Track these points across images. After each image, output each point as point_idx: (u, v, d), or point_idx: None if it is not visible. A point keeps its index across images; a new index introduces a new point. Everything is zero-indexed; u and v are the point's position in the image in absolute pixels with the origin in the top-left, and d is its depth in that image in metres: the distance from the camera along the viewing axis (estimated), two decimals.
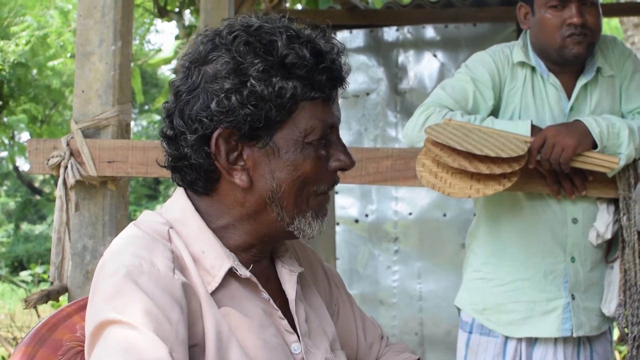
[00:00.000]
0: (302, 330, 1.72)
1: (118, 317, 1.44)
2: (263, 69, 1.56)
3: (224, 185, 1.66)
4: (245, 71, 1.56)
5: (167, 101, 1.69)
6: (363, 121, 6.09)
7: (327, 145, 1.67)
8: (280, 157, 1.61)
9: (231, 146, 1.61)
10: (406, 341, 5.85)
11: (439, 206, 5.90)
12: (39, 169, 3.35)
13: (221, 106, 1.57)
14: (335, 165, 1.68)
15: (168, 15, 8.47)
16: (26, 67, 13.86)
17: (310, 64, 1.58)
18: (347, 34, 6.19)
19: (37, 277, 11.51)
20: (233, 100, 1.56)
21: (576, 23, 2.86)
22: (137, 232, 1.61)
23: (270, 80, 1.56)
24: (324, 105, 1.64)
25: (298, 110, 1.60)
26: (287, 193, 1.62)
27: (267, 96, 1.56)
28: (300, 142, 1.61)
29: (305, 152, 1.62)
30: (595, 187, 2.94)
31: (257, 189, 1.63)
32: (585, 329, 3.02)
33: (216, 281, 1.61)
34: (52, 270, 3.35)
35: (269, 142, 1.60)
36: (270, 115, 1.57)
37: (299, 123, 1.60)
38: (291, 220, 1.65)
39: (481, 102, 3.00)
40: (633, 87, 3.05)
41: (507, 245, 3.06)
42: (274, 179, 1.62)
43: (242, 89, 1.56)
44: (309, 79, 1.59)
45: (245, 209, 1.65)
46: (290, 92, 1.57)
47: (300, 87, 1.58)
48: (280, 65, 1.57)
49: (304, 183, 1.63)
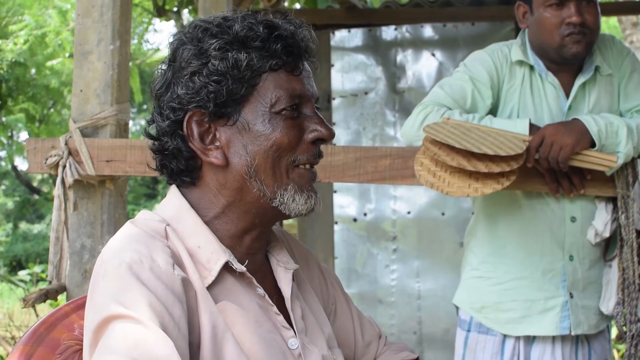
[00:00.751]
0: (299, 327, 1.72)
1: (124, 312, 1.45)
2: (219, 46, 1.62)
3: (205, 171, 1.69)
4: (205, 52, 1.63)
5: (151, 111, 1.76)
6: (361, 120, 6.09)
7: (301, 117, 1.69)
8: (251, 131, 1.64)
9: (204, 128, 1.66)
10: (405, 340, 5.85)
11: (438, 205, 5.90)
12: (37, 168, 3.35)
13: (187, 89, 1.64)
14: (313, 135, 1.69)
15: (166, 15, 8.45)
16: (24, 66, 13.86)
17: (264, 35, 1.63)
18: (345, 33, 6.19)
19: (35, 276, 11.50)
20: (196, 81, 1.63)
21: (575, 22, 2.86)
22: (135, 229, 1.62)
23: (226, 54, 1.61)
24: (289, 75, 1.67)
25: (262, 82, 1.64)
26: (262, 165, 1.65)
27: (224, 70, 1.61)
28: (268, 112, 1.64)
29: (273, 122, 1.65)
30: (594, 186, 2.94)
31: (233, 166, 1.66)
32: (584, 327, 3.02)
33: (212, 275, 1.62)
34: (51, 269, 3.35)
35: (238, 118, 1.64)
36: (232, 89, 1.62)
37: (264, 94, 1.65)
38: (273, 194, 1.66)
39: (479, 100, 3.00)
40: (631, 86, 3.05)
41: (505, 244, 3.06)
42: (247, 153, 1.65)
43: (203, 68, 1.62)
44: (265, 49, 1.63)
45: (228, 190, 1.68)
46: (245, 62, 1.62)
47: (257, 57, 1.63)
48: (236, 40, 1.63)
49: (278, 153, 1.65)
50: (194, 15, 8.44)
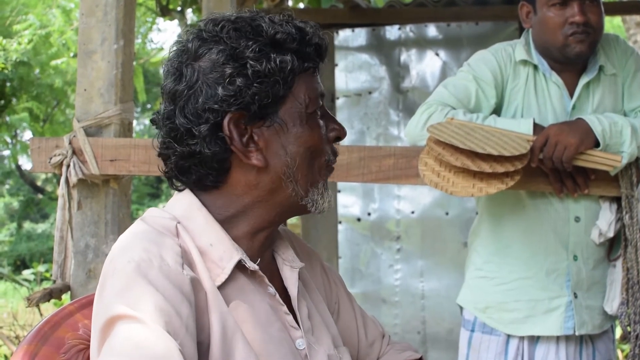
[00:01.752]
0: (305, 326, 1.72)
1: (128, 312, 1.44)
2: (259, 49, 1.61)
3: (235, 174, 1.68)
4: (242, 54, 1.61)
5: (157, 112, 1.72)
6: (365, 120, 6.09)
7: (323, 117, 1.72)
8: (289, 132, 1.65)
9: (241, 130, 1.64)
10: (408, 340, 5.85)
11: (442, 205, 5.90)
12: (41, 167, 3.36)
13: (228, 90, 1.60)
14: (333, 135, 1.74)
15: (170, 14, 8.47)
16: (28, 65, 13.87)
17: (298, 38, 1.65)
18: (349, 32, 6.19)
19: (39, 275, 11.50)
20: (238, 83, 1.60)
21: (578, 21, 2.85)
22: (145, 227, 1.62)
23: (268, 56, 1.61)
24: (313, 76, 1.70)
25: (296, 84, 1.66)
26: (300, 166, 1.67)
27: (270, 71, 1.61)
28: (304, 113, 1.66)
29: (310, 123, 1.67)
30: (598, 186, 2.94)
31: (272, 167, 1.66)
32: (588, 327, 3.02)
33: (225, 273, 1.62)
34: (55, 268, 3.35)
35: (275, 119, 1.65)
36: (275, 90, 1.62)
37: (298, 95, 1.66)
38: (305, 193, 1.69)
39: (483, 100, 3.00)
40: (635, 86, 3.05)
41: (509, 244, 3.06)
42: (287, 153, 1.65)
43: (244, 70, 1.60)
44: (300, 51, 1.65)
45: (258, 190, 1.68)
46: (290, 65, 1.63)
47: (296, 59, 1.64)
48: (272, 43, 1.63)
49: (314, 154, 1.68)
50: (198, 14, 8.45)
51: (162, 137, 1.71)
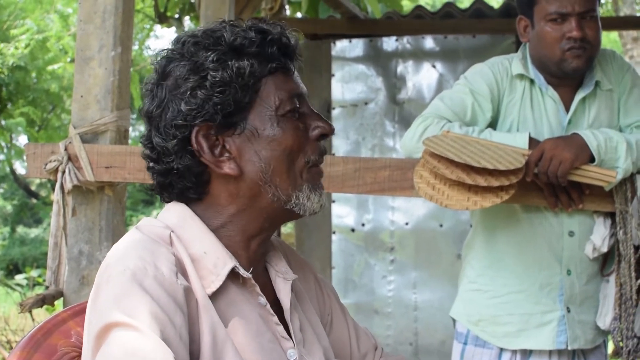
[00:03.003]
0: (297, 338, 1.72)
1: (124, 320, 1.44)
2: (216, 57, 1.62)
3: (215, 184, 1.68)
4: (202, 66, 1.62)
5: (143, 135, 1.74)
6: (361, 130, 6.10)
7: (302, 117, 1.71)
8: (260, 137, 1.65)
9: (212, 141, 1.65)
10: (401, 351, 5.85)
11: (436, 217, 5.91)
12: (36, 173, 3.35)
13: (190, 104, 1.62)
14: (316, 132, 1.71)
15: (168, 22, 8.46)
16: (25, 70, 13.86)
17: (258, 40, 1.65)
18: (346, 43, 6.20)
19: (32, 280, 11.48)
20: (199, 95, 1.61)
21: (576, 37, 2.86)
22: (140, 235, 1.62)
23: (226, 64, 1.62)
24: (285, 76, 1.69)
25: (262, 87, 1.65)
26: (277, 170, 1.66)
27: (228, 79, 1.61)
28: (274, 116, 1.65)
29: (282, 125, 1.66)
30: (592, 201, 2.94)
31: (247, 174, 1.66)
32: (580, 342, 3.02)
33: (220, 279, 1.62)
34: (49, 274, 3.34)
35: (245, 126, 1.65)
36: (237, 97, 1.62)
37: (267, 99, 1.65)
38: (288, 197, 1.67)
39: (479, 114, 3.01)
40: (631, 101, 3.06)
41: (503, 257, 3.06)
42: (260, 159, 1.65)
43: (204, 82, 1.61)
44: (261, 54, 1.65)
45: (240, 199, 1.67)
46: (249, 69, 1.63)
47: (257, 63, 1.64)
48: (232, 50, 1.63)
49: (291, 156, 1.66)
50: (195, 22, 8.45)
51: (145, 157, 1.74)
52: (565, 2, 2.88)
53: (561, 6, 2.88)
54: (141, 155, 1.76)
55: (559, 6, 2.88)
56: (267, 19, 1.74)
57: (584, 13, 2.89)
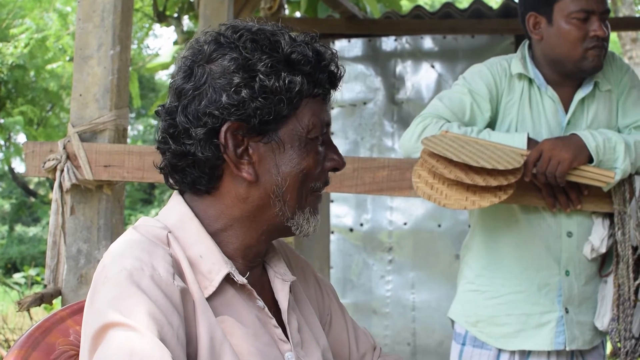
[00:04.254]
0: (295, 340, 1.72)
1: (122, 320, 1.44)
2: (271, 64, 1.60)
3: (226, 183, 1.67)
4: (254, 67, 1.60)
5: (162, 104, 1.72)
6: (360, 130, 6.10)
7: (324, 145, 1.71)
8: (285, 152, 1.65)
9: (237, 140, 1.63)
10: (398, 351, 5.85)
11: (434, 217, 5.91)
12: (35, 171, 3.35)
13: (232, 99, 1.60)
14: (330, 164, 1.72)
15: (167, 21, 8.47)
16: (24, 69, 13.86)
17: (314, 62, 1.64)
18: (345, 43, 6.21)
19: (30, 279, 11.49)
20: (243, 94, 1.59)
21: (600, 35, 2.87)
22: (137, 236, 1.62)
23: (279, 74, 1.60)
24: (323, 103, 1.69)
25: (301, 107, 1.65)
26: (290, 187, 1.66)
27: (277, 89, 1.60)
28: (304, 137, 1.65)
29: (308, 148, 1.66)
30: (591, 201, 2.94)
31: (262, 182, 1.65)
32: (578, 342, 3.02)
33: (213, 285, 1.62)
34: (47, 273, 3.34)
35: (274, 137, 1.64)
36: (279, 108, 1.61)
37: (302, 119, 1.65)
38: (292, 215, 1.68)
39: (478, 114, 3.01)
40: (630, 102, 3.06)
41: (501, 258, 3.06)
42: (279, 173, 1.65)
43: (252, 83, 1.60)
44: (312, 75, 1.64)
45: (247, 205, 1.67)
46: (299, 87, 1.62)
47: (306, 82, 1.63)
48: (286, 61, 1.62)
49: (305, 178, 1.67)
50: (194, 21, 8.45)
51: (161, 131, 1.71)
52: (592, 1, 2.88)
53: (588, 4, 2.88)
54: (155, 130, 1.74)
55: (585, 4, 2.88)
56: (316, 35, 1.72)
57: (604, 13, 2.91)
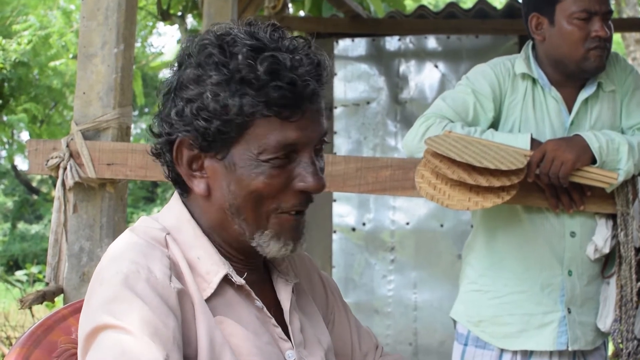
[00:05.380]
0: (297, 340, 1.72)
1: (113, 322, 1.45)
2: (216, 82, 1.55)
3: (193, 192, 1.68)
4: (203, 82, 1.56)
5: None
6: (363, 130, 6.10)
7: (293, 164, 1.62)
8: (236, 172, 1.59)
9: (194, 154, 1.62)
10: (400, 351, 5.85)
11: (437, 217, 5.91)
12: (38, 169, 3.35)
13: (179, 115, 1.59)
14: (300, 186, 1.62)
15: (170, 19, 8.47)
16: (27, 66, 13.87)
17: (262, 81, 1.54)
18: (349, 42, 6.20)
19: (32, 276, 11.49)
20: (187, 111, 1.58)
21: (602, 36, 2.87)
22: (134, 238, 1.62)
23: (219, 95, 1.55)
24: (283, 122, 1.57)
25: (253, 127, 1.56)
26: (243, 207, 1.61)
27: (213, 111, 1.55)
28: (255, 159, 1.58)
29: (259, 170, 1.58)
30: (594, 202, 2.94)
31: (215, 198, 1.64)
32: (581, 343, 3.02)
33: (211, 287, 1.62)
34: (49, 271, 3.34)
35: (226, 156, 1.60)
36: (220, 129, 1.56)
37: (253, 140, 1.57)
38: (251, 234, 1.64)
39: (481, 114, 3.00)
40: (634, 103, 3.06)
41: (504, 258, 3.06)
42: (229, 191, 1.61)
43: (197, 100, 1.56)
44: (260, 96, 1.54)
45: (210, 216, 1.67)
46: (236, 109, 1.54)
47: (250, 104, 1.54)
48: (233, 80, 1.55)
49: (257, 199, 1.60)
50: (198, 20, 8.46)
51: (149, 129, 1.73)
52: (594, 1, 2.88)
53: (590, 5, 2.88)
54: (147, 129, 1.75)
55: (587, 5, 2.88)
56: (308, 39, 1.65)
57: (607, 13, 2.90)
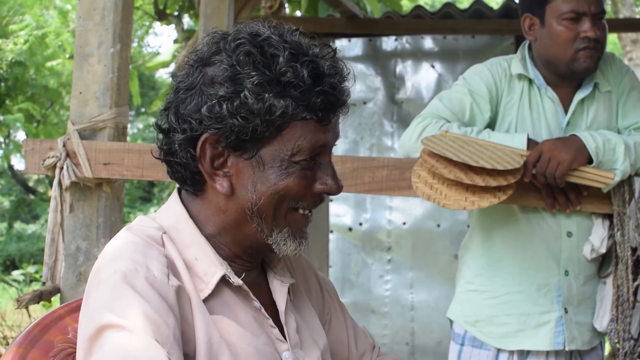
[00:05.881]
0: (293, 340, 1.72)
1: (116, 321, 1.45)
2: (258, 82, 1.55)
3: (209, 190, 1.67)
4: (241, 81, 1.56)
5: (169, 94, 1.70)
6: (359, 130, 6.10)
7: (316, 166, 1.65)
8: (264, 172, 1.60)
9: (217, 152, 1.62)
10: (397, 351, 5.85)
11: (433, 217, 5.91)
12: (34, 169, 3.35)
13: (212, 112, 1.57)
14: (321, 188, 1.66)
15: (167, 19, 8.47)
16: (24, 66, 13.85)
17: (307, 85, 1.57)
18: (345, 42, 6.21)
19: (28, 276, 11.48)
20: (224, 108, 1.56)
21: (591, 37, 2.87)
22: (131, 237, 1.62)
23: (262, 95, 1.55)
24: (317, 125, 1.61)
25: (288, 129, 1.59)
26: (265, 206, 1.62)
27: (256, 111, 1.55)
28: (287, 160, 1.60)
29: (289, 170, 1.61)
30: (590, 202, 2.94)
31: (237, 197, 1.63)
32: (577, 343, 3.02)
33: (209, 288, 1.62)
34: (45, 270, 3.34)
35: (254, 155, 1.60)
36: (258, 129, 1.57)
37: (287, 141, 1.59)
38: (269, 232, 1.65)
39: (478, 114, 3.01)
40: (630, 104, 3.06)
41: (500, 258, 3.06)
42: (255, 191, 1.61)
43: (235, 98, 1.56)
44: (303, 100, 1.57)
45: (226, 216, 1.66)
46: (281, 111, 1.56)
47: (293, 106, 1.56)
48: (276, 81, 1.56)
49: (282, 199, 1.62)
50: (195, 20, 8.45)
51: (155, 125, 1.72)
52: (582, 2, 2.88)
53: (578, 6, 2.88)
54: (153, 124, 1.74)
55: (575, 5, 2.88)
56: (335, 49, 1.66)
57: (597, 14, 2.90)
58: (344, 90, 1.64)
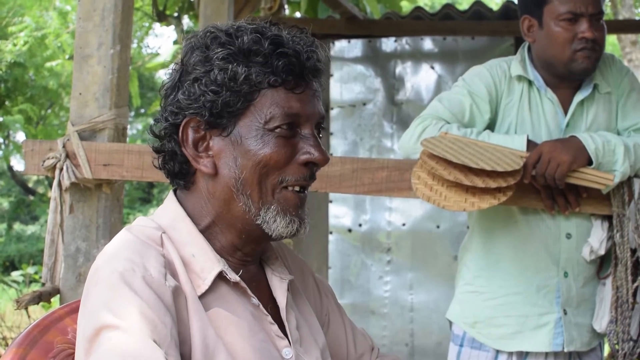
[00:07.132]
0: (294, 337, 1.73)
1: (114, 321, 1.46)
2: (223, 56, 1.62)
3: (198, 177, 1.70)
4: (210, 60, 1.63)
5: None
6: (359, 131, 6.10)
7: (297, 137, 1.67)
8: (242, 144, 1.64)
9: (200, 135, 1.67)
10: (396, 352, 5.85)
11: (433, 218, 5.91)
12: (34, 170, 3.35)
13: (186, 95, 1.64)
14: (304, 158, 1.67)
15: (167, 20, 8.48)
16: (23, 67, 13.86)
17: (268, 50, 1.62)
18: (345, 43, 6.20)
19: (28, 277, 11.49)
20: (196, 88, 1.63)
21: (589, 37, 2.87)
22: (130, 237, 1.63)
23: (227, 66, 1.61)
24: (289, 93, 1.65)
25: (259, 98, 1.63)
26: (249, 180, 1.64)
27: (221, 81, 1.61)
28: (261, 128, 1.64)
29: (265, 139, 1.64)
30: (590, 204, 2.94)
31: (222, 176, 1.66)
32: (577, 344, 3.02)
33: (206, 284, 1.63)
34: (45, 271, 3.34)
35: (232, 130, 1.64)
36: (227, 101, 1.62)
37: (259, 110, 1.64)
38: (257, 210, 1.66)
39: (477, 115, 3.01)
40: (629, 105, 3.06)
41: (500, 259, 3.06)
42: (237, 165, 1.65)
43: (205, 76, 1.63)
44: (266, 65, 1.62)
45: (216, 200, 1.68)
46: (243, 76, 1.61)
47: (257, 72, 1.62)
48: (241, 52, 1.62)
49: (265, 170, 1.64)
50: (194, 21, 8.46)
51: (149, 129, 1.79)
52: (579, 3, 2.88)
53: (575, 6, 2.88)
54: (148, 130, 1.79)
55: (572, 6, 2.88)
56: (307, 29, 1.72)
57: (595, 15, 2.90)
58: (310, 55, 1.67)
